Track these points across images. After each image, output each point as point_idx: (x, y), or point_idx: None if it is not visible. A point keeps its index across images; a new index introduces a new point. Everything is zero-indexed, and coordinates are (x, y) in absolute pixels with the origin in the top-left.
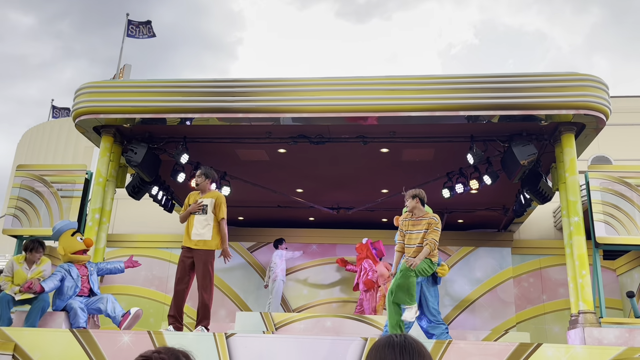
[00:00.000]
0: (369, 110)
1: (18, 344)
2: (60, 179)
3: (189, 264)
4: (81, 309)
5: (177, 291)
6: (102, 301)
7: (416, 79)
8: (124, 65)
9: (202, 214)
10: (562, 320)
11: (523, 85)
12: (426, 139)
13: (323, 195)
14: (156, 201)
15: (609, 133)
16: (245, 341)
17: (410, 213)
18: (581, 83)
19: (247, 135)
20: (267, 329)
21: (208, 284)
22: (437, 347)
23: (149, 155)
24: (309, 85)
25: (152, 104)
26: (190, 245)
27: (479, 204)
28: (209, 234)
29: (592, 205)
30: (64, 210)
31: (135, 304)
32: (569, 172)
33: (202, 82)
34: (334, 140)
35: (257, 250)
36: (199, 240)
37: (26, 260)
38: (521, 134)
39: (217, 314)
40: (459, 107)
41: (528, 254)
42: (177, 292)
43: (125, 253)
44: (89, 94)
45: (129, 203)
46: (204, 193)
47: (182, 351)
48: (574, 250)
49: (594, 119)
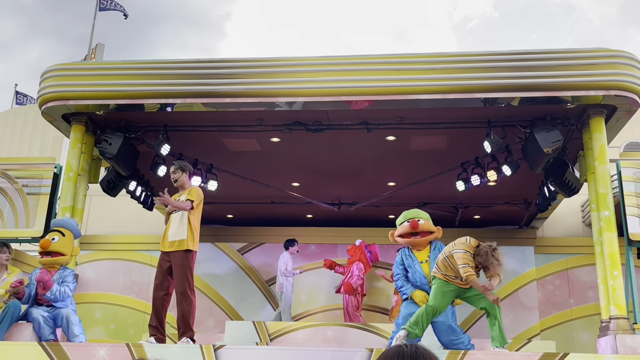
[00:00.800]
0: (373, 93)
1: None
2: (25, 173)
3: (167, 268)
4: (44, 319)
5: (156, 298)
6: (58, 318)
7: (426, 57)
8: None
9: (178, 212)
10: (591, 327)
11: (546, 64)
12: (438, 125)
13: (322, 189)
14: (134, 198)
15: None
16: (236, 354)
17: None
18: (612, 60)
19: (236, 123)
20: (260, 340)
21: (187, 290)
22: (451, 358)
23: (126, 146)
24: (305, 66)
25: (128, 88)
26: (165, 249)
27: (497, 198)
28: (184, 232)
29: (624, 197)
30: (30, 208)
31: (113, 313)
32: (599, 161)
33: (185, 63)
34: (333, 128)
35: (248, 251)
36: (174, 240)
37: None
38: (544, 119)
39: (205, 323)
40: (475, 88)
41: (553, 254)
42: (156, 299)
43: (100, 256)
44: (56, 78)
45: (104, 200)
46: (183, 189)
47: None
48: (605, 248)
49: (627, 100)
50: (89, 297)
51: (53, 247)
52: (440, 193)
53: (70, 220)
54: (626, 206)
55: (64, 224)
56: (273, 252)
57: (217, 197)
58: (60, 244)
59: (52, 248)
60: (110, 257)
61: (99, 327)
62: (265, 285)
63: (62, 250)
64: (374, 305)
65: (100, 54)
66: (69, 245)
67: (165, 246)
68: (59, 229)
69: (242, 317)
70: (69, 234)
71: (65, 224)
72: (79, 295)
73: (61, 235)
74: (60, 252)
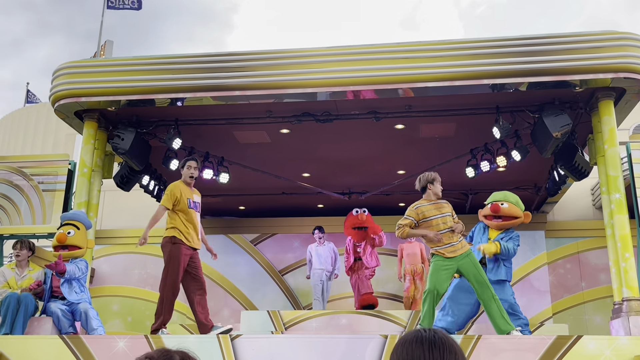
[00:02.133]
0: (381, 82)
1: (3, 353)
2: (40, 170)
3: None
4: (62, 313)
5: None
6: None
7: (433, 45)
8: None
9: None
10: (604, 310)
11: (554, 48)
12: (446, 113)
13: (332, 179)
14: (147, 192)
15: None
16: (253, 343)
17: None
18: (620, 42)
19: (246, 115)
20: (275, 329)
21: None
22: (465, 342)
23: (138, 141)
24: (312, 57)
25: (138, 83)
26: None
27: (507, 183)
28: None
29: (635, 180)
30: (46, 205)
31: (130, 306)
32: (608, 144)
33: (194, 58)
34: (342, 118)
35: (261, 242)
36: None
37: (16, 266)
38: (553, 103)
39: (220, 314)
40: (482, 74)
41: (564, 237)
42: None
43: (115, 250)
44: (68, 75)
45: (118, 195)
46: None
47: (179, 351)
48: (616, 231)
49: (635, 82)
50: (106, 290)
51: (69, 240)
52: (450, 180)
53: (80, 213)
54: (637, 188)
55: (75, 217)
56: (285, 242)
57: (228, 189)
58: (76, 237)
59: (68, 242)
60: (125, 250)
61: (116, 319)
62: (279, 275)
63: (78, 243)
64: (385, 292)
65: (110, 50)
66: (84, 238)
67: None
68: (72, 222)
69: (257, 307)
70: (82, 227)
71: (77, 217)
72: (96, 289)
73: (76, 229)
74: (77, 246)
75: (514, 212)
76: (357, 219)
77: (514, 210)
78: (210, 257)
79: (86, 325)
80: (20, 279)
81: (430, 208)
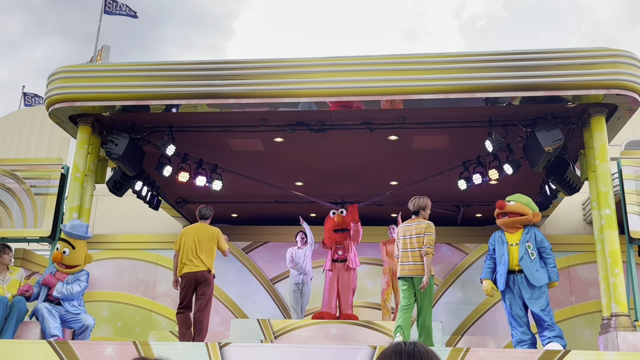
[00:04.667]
0: (375, 94)
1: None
2: (33, 174)
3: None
4: (49, 312)
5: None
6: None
7: (428, 57)
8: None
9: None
10: (593, 325)
11: (547, 63)
12: (439, 125)
13: (325, 188)
14: (140, 197)
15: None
16: (241, 351)
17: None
18: (612, 59)
19: (240, 123)
20: (265, 338)
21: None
22: (453, 356)
23: (132, 146)
24: (308, 67)
25: (133, 89)
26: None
27: (499, 196)
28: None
29: (625, 195)
30: (38, 208)
31: (120, 311)
32: (600, 159)
33: (189, 65)
34: (336, 128)
35: (253, 250)
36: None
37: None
38: (546, 118)
39: (210, 321)
40: (476, 88)
41: (554, 251)
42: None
43: (107, 255)
44: (63, 80)
45: (110, 200)
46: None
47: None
48: (606, 246)
49: (627, 99)
50: (96, 295)
51: (65, 260)
52: (442, 192)
53: (80, 227)
54: (627, 204)
55: (73, 234)
56: (277, 251)
57: (221, 197)
58: (71, 257)
59: (64, 261)
60: (116, 256)
61: (106, 325)
62: (270, 284)
63: (75, 262)
64: (377, 303)
65: (106, 55)
66: (81, 255)
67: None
68: (68, 240)
69: (247, 315)
70: (79, 244)
71: (74, 234)
72: (86, 294)
73: (71, 249)
74: (73, 265)
75: (519, 209)
76: (334, 222)
77: (520, 208)
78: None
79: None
80: (5, 282)
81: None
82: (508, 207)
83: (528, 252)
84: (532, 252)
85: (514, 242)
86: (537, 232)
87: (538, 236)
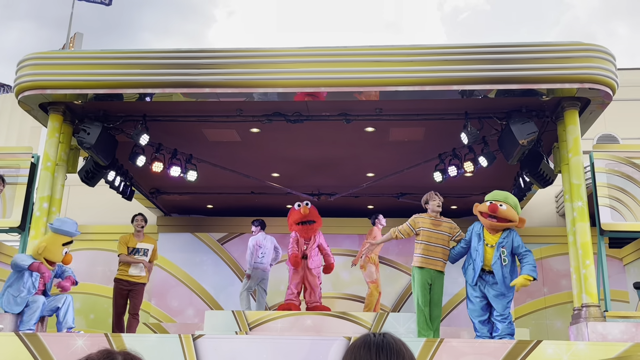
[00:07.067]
0: (351, 85)
1: None
2: (2, 163)
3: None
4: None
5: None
6: (60, 301)
7: (404, 49)
8: (75, 34)
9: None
10: (564, 315)
11: (522, 57)
12: (415, 117)
13: (302, 180)
14: (113, 188)
15: (617, 109)
16: (215, 343)
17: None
18: (586, 54)
19: (216, 113)
20: (240, 329)
21: None
22: (427, 346)
23: (104, 135)
24: (285, 57)
25: (106, 77)
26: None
27: (474, 189)
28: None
29: (597, 188)
30: (7, 198)
31: (92, 303)
32: (573, 153)
33: (164, 53)
34: (313, 119)
35: (228, 241)
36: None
37: None
38: (520, 111)
39: (184, 313)
40: (452, 80)
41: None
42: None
43: (79, 246)
44: (33, 66)
45: (82, 190)
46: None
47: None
48: (577, 238)
49: (600, 93)
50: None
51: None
52: (418, 183)
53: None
54: (599, 197)
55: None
56: None
57: (196, 188)
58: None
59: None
60: (89, 247)
61: (79, 317)
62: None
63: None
64: (352, 294)
65: (79, 43)
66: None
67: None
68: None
69: (222, 306)
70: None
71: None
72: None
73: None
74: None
75: (510, 216)
76: (300, 213)
77: (510, 214)
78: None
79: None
80: None
81: (427, 221)
82: (500, 211)
83: (501, 258)
84: (505, 257)
85: (491, 243)
86: (515, 236)
87: (515, 241)
